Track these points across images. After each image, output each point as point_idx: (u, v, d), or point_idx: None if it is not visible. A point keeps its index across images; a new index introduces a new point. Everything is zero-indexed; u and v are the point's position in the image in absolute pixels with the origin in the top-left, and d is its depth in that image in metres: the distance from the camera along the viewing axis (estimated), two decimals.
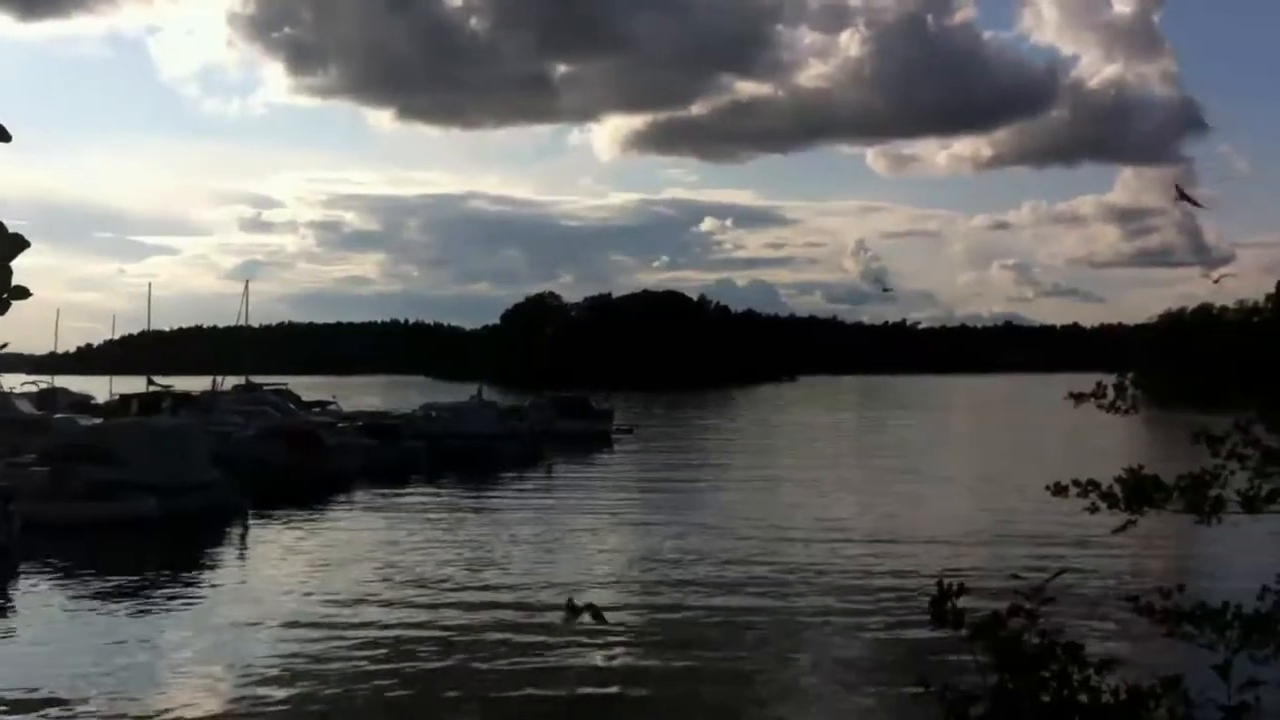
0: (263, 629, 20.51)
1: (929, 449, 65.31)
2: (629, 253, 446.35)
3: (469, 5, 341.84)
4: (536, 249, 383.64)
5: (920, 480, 46.21)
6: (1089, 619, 18.18)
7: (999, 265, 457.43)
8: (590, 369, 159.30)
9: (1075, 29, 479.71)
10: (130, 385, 70.79)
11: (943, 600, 4.33)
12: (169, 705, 15.99)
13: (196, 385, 68.03)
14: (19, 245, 2.66)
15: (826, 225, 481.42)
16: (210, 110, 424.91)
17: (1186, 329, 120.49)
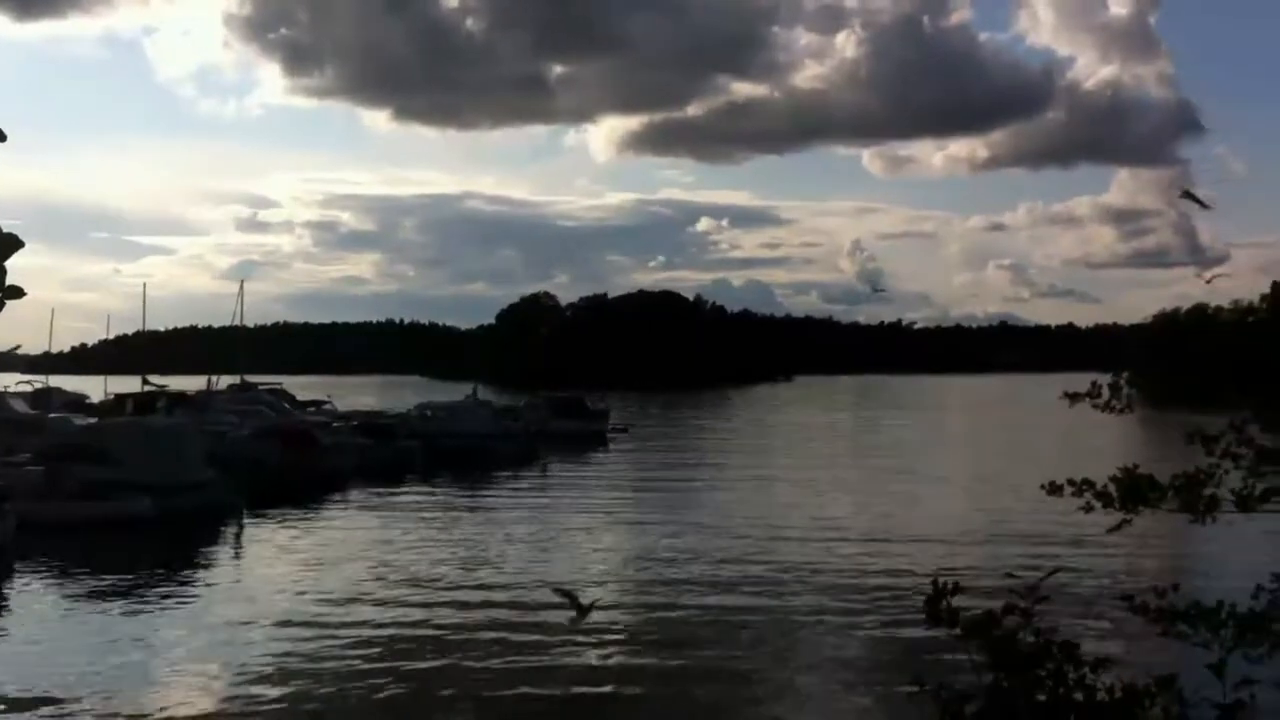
0: (257, 628, 20.49)
1: (924, 449, 65.35)
2: (625, 253, 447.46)
3: (465, 6, 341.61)
4: (532, 249, 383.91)
5: (915, 480, 46.24)
6: (1084, 618, 18.20)
7: (995, 266, 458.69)
8: (586, 369, 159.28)
9: (1071, 30, 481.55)
10: (125, 385, 70.77)
11: (937, 599, 4.33)
12: (163, 704, 15.99)
13: (191, 385, 68.05)
14: (14, 245, 2.66)
15: (822, 226, 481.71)
16: (206, 111, 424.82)
17: (1181, 329, 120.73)
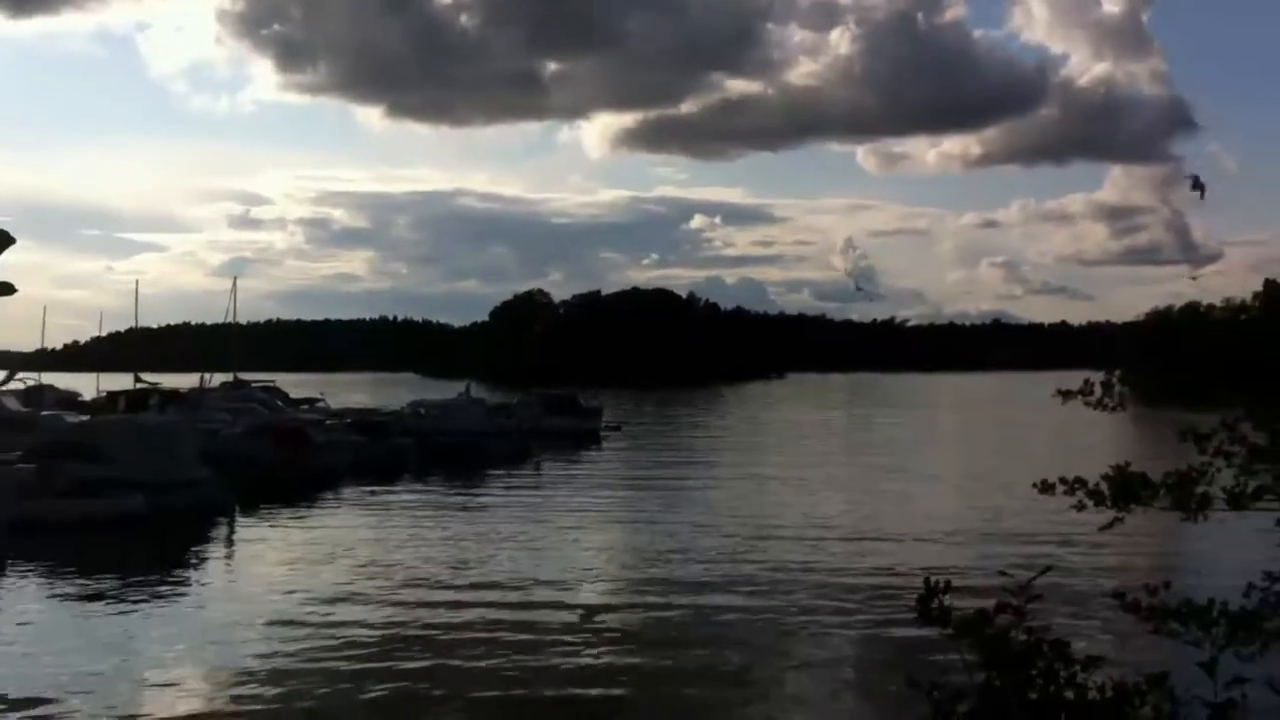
0: (249, 627, 20.44)
1: (917, 447, 65.41)
2: (618, 250, 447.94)
3: (459, 2, 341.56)
4: (526, 246, 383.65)
5: (908, 478, 46.27)
6: (1076, 616, 18.23)
7: (988, 263, 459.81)
8: (579, 366, 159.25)
9: (1065, 28, 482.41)
10: (118, 382, 70.76)
11: (929, 598, 4.33)
12: (154, 704, 15.95)
13: (184, 382, 67.92)
14: (5, 241, 2.66)
15: (816, 223, 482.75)
16: (199, 107, 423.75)
17: (1174, 327, 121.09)
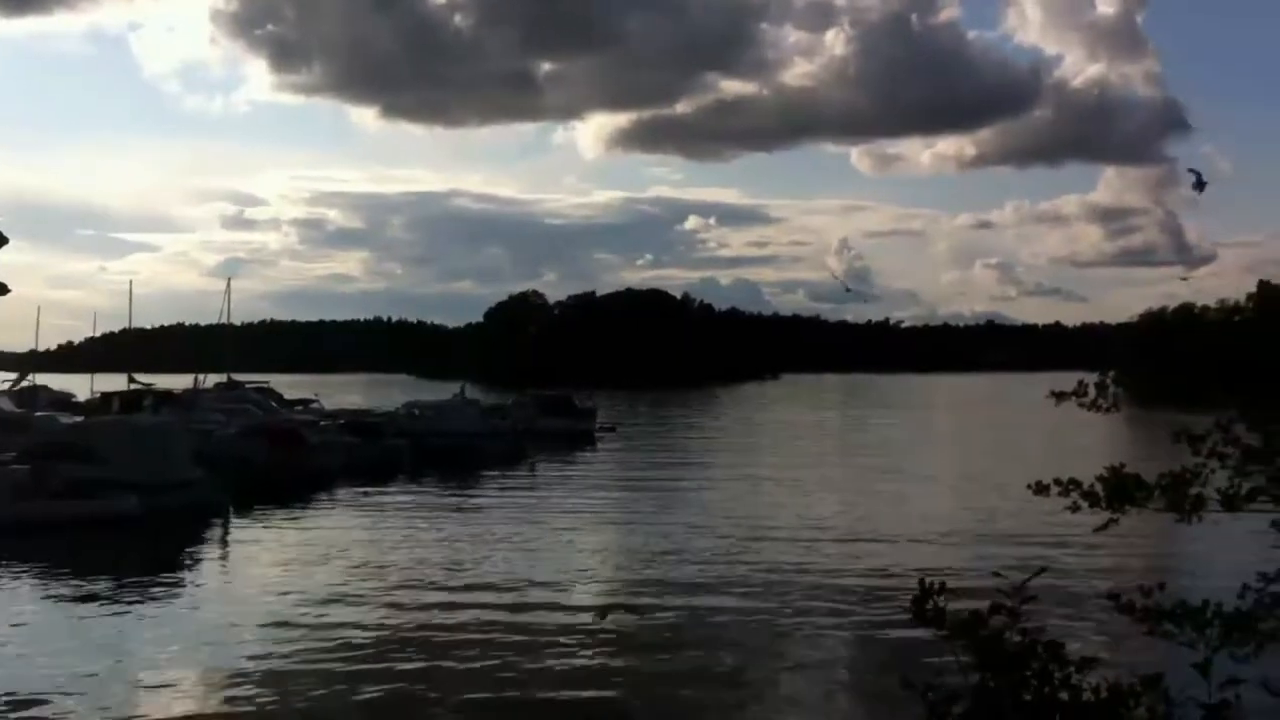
0: (244, 628, 20.41)
1: (911, 447, 65.45)
2: (613, 251, 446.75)
3: (453, 3, 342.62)
4: (520, 247, 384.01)
5: (902, 479, 46.28)
6: (1070, 617, 18.22)
7: (982, 264, 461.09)
8: (574, 367, 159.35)
9: (1059, 29, 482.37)
10: (111, 383, 70.55)
11: (924, 599, 4.32)
12: (148, 705, 15.91)
13: (178, 383, 67.83)
14: None
15: (811, 224, 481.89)
16: (193, 107, 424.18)
17: (1168, 328, 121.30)
